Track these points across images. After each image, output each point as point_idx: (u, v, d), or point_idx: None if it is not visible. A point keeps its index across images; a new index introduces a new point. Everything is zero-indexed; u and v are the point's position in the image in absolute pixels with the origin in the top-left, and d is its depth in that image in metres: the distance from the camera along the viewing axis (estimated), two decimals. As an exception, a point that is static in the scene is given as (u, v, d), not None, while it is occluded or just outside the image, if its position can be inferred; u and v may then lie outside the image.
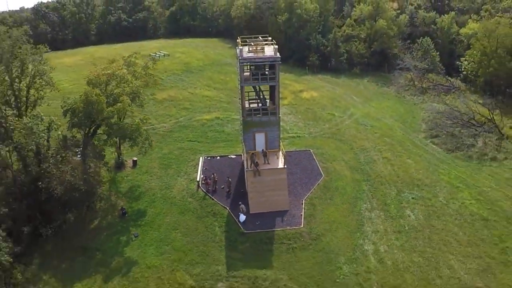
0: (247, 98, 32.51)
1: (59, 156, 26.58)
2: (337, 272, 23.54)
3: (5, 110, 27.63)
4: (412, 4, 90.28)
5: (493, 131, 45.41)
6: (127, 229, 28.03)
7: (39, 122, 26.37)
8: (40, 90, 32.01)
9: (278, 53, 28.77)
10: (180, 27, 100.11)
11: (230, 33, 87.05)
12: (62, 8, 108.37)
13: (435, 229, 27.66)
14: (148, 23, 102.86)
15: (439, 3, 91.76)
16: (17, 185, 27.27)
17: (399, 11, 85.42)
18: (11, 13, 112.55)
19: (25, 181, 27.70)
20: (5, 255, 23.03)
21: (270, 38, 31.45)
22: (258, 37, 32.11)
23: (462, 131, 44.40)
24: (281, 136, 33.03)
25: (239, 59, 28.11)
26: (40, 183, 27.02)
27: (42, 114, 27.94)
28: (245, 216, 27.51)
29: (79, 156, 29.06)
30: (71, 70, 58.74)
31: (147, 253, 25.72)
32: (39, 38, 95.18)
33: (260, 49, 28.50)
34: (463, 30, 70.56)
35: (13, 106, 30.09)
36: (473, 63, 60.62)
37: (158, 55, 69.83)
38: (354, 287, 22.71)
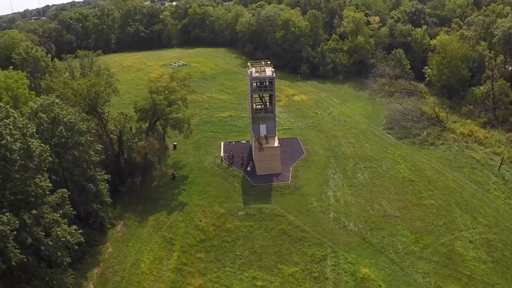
0: (255, 101, 49.19)
1: (136, 138, 42.99)
2: (310, 206, 40.09)
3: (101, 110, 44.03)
4: (392, 18, 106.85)
5: (437, 125, 62.08)
6: (178, 186, 44.53)
7: (123, 117, 42.91)
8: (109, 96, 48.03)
9: (274, 73, 45.46)
10: (190, 38, 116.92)
11: (235, 44, 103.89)
12: (85, 20, 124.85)
13: (375, 185, 44.24)
14: (163, 33, 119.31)
15: (415, 17, 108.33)
16: (108, 157, 43.56)
17: (380, 24, 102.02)
18: (41, 24, 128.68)
19: (111, 154, 44.04)
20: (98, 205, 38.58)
21: (269, 62, 48.14)
22: (261, 61, 48.79)
23: (413, 124, 61.04)
24: (276, 128, 49.67)
25: (250, 77, 44.89)
26: (121, 155, 43.44)
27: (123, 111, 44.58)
28: (249, 168, 44.42)
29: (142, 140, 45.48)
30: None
31: (193, 198, 42.25)
32: (65, 46, 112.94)
33: (263, 70, 45.18)
34: (433, 41, 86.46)
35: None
36: (433, 70, 77.27)
37: (177, 65, 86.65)
38: (319, 213, 39.25)
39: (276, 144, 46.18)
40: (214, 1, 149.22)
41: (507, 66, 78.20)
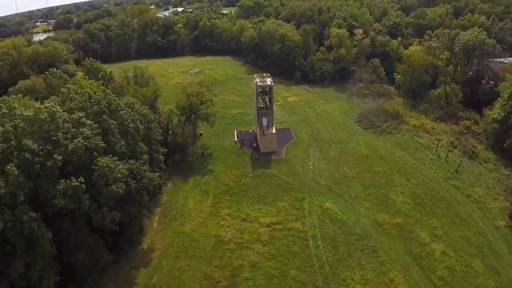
0: (259, 102, 71.20)
1: (179, 126, 64.81)
2: (296, 170, 62.03)
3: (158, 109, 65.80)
4: (374, 30, 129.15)
5: (396, 119, 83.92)
6: (206, 160, 66.44)
7: (170, 112, 64.84)
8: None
9: (272, 83, 67.46)
10: (201, 47, 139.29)
11: (240, 53, 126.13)
12: (107, 30, 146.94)
13: (341, 158, 66.15)
14: (177, 43, 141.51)
15: (393, 30, 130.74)
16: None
17: (364, 36, 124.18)
18: (70, 33, 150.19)
19: (162, 137, 65.67)
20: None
21: (269, 74, 70.13)
22: (263, 74, 70.83)
23: (377, 118, 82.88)
24: (274, 120, 71.50)
25: (255, 85, 66.85)
26: (168, 138, 65.16)
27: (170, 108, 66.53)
28: (255, 144, 66.56)
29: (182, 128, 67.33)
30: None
31: (217, 167, 64.16)
32: (91, 53, 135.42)
33: (264, 80, 67.17)
34: (405, 52, 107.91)
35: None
36: (400, 76, 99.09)
37: (194, 72, 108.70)
38: (301, 174, 61.16)
39: (274, 131, 68.20)
40: (219, 13, 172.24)
41: (467, 71, 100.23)
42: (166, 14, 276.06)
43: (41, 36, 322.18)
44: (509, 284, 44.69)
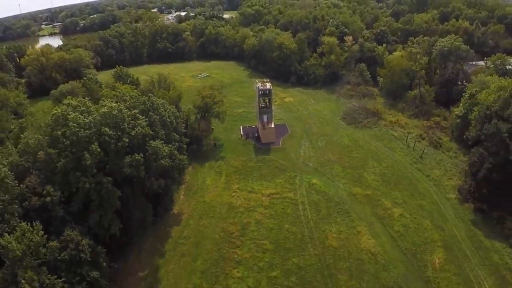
0: (260, 102, 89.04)
1: (196, 122, 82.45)
2: (290, 156, 79.80)
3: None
4: (362, 37, 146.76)
5: (376, 116, 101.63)
6: (218, 149, 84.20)
7: (189, 110, 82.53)
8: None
9: (271, 87, 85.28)
10: (207, 52, 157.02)
11: (242, 59, 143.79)
12: (121, 37, 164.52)
13: (326, 147, 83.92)
14: (185, 49, 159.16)
15: (380, 37, 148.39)
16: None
17: (353, 42, 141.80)
18: (87, 40, 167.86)
19: (186, 131, 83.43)
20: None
21: (268, 80, 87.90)
22: (264, 80, 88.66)
23: (359, 115, 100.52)
24: (273, 117, 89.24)
25: (258, 89, 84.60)
26: (187, 132, 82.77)
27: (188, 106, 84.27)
28: (256, 134, 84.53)
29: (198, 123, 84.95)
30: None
31: (228, 154, 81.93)
32: (107, 58, 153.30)
33: (265, 85, 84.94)
34: (386, 58, 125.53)
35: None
36: (382, 79, 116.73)
37: (203, 76, 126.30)
38: (294, 159, 78.88)
39: (272, 126, 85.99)
40: (221, 17, 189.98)
41: (443, 74, 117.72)
42: (170, 18, 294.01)
43: (48, 39, 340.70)
44: (450, 238, 62.05)
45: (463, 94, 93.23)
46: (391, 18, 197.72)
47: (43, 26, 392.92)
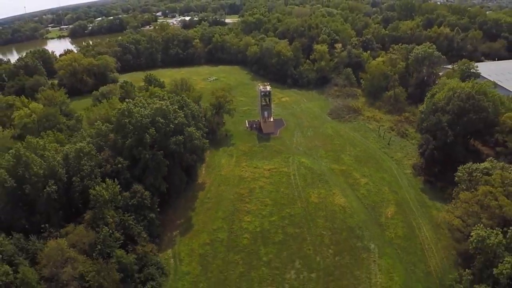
0: (262, 101, 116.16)
1: (213, 117, 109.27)
2: (286, 143, 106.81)
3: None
4: (350, 44, 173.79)
5: (356, 113, 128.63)
6: (229, 138, 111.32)
7: (207, 108, 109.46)
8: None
9: (270, 89, 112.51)
10: (214, 58, 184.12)
11: (245, 64, 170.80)
12: (137, 43, 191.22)
13: (314, 136, 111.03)
14: (194, 55, 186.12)
15: (365, 44, 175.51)
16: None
17: (342, 49, 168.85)
18: (108, 46, 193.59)
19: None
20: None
21: (268, 84, 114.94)
22: (264, 83, 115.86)
23: (342, 112, 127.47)
24: (272, 113, 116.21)
25: (259, 90, 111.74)
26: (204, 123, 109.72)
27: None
28: (257, 126, 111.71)
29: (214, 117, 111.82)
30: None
31: (237, 142, 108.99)
32: (125, 63, 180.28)
33: (265, 87, 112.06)
34: (367, 64, 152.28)
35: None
36: (364, 81, 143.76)
37: (212, 79, 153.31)
38: (289, 145, 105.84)
39: (272, 120, 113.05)
40: (222, 21, 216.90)
41: (418, 76, 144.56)
42: (174, 22, 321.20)
43: (56, 42, 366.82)
44: (402, 199, 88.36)
45: (426, 94, 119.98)
46: (380, 25, 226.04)
47: (50, 29, 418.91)
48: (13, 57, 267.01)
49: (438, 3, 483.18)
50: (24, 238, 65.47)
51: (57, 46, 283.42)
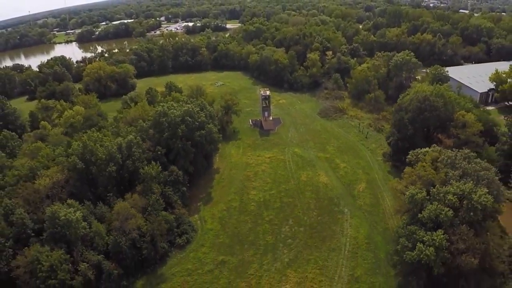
0: (262, 103, 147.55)
1: (223, 116, 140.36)
2: (282, 137, 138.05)
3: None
4: (340, 51, 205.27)
5: (341, 112, 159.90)
6: (237, 133, 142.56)
7: (218, 109, 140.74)
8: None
9: (270, 93, 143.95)
10: (219, 64, 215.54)
11: (247, 70, 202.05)
12: (150, 51, 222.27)
13: (305, 132, 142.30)
14: (201, 62, 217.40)
15: (353, 52, 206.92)
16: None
17: (333, 56, 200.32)
18: (124, 54, 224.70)
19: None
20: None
21: (268, 89, 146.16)
22: (265, 88, 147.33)
23: (330, 111, 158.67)
24: (271, 113, 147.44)
25: (261, 94, 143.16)
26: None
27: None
28: (260, 127, 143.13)
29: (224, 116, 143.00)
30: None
31: (243, 137, 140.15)
32: (140, 69, 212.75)
33: (265, 91, 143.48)
34: (355, 69, 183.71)
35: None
36: (350, 85, 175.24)
37: (219, 84, 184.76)
38: (285, 139, 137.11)
39: (271, 119, 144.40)
40: (223, 27, 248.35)
41: (398, 80, 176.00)
42: (178, 28, 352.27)
43: (63, 47, 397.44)
44: (372, 178, 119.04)
45: (400, 96, 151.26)
46: (369, 32, 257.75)
47: (56, 33, 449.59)
48: (22, 61, 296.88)
49: (431, 4, 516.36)
50: (93, 205, 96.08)
51: (65, 51, 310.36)
